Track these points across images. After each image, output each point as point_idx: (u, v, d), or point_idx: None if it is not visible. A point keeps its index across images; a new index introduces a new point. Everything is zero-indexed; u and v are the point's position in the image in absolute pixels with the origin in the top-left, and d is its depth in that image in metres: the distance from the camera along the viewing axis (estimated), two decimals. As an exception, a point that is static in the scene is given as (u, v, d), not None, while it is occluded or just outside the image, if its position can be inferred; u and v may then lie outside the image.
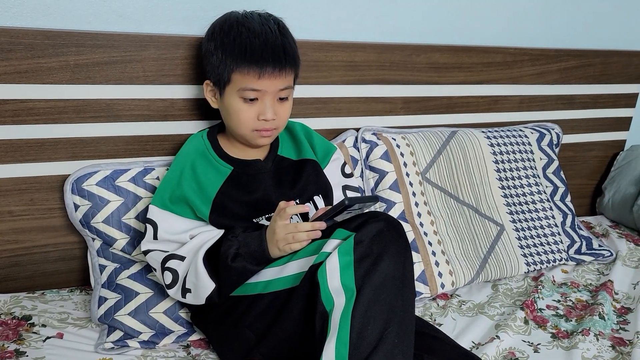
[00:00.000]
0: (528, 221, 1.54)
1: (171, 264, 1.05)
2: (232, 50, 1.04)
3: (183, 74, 1.23)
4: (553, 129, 1.71)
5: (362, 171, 1.43)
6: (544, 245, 1.53)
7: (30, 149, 1.16)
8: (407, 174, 1.42)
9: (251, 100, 1.06)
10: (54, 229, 1.23)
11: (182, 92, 1.24)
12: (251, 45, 1.03)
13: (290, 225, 0.98)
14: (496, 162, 1.55)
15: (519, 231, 1.52)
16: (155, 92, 1.22)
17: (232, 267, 1.00)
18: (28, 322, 1.12)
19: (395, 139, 1.45)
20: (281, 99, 1.08)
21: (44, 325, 1.11)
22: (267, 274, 1.02)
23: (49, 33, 1.11)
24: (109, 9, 1.19)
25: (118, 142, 1.22)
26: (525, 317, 1.28)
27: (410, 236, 1.36)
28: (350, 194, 1.25)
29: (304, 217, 1.12)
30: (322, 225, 0.98)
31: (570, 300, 1.41)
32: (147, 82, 1.21)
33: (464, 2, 1.57)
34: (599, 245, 1.67)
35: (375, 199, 0.99)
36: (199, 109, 1.27)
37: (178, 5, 1.25)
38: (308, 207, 0.99)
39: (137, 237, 1.18)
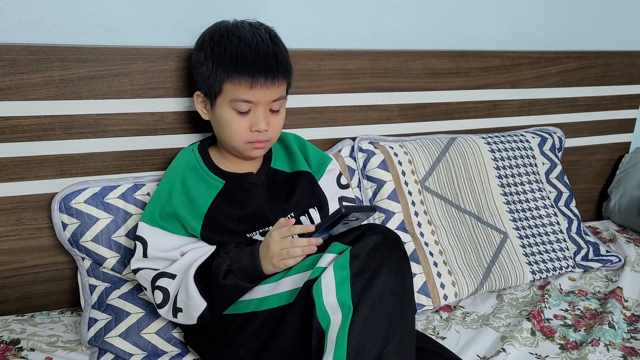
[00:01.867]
0: (532, 228, 1.50)
1: (161, 282, 1.02)
2: (222, 60, 1.01)
3: (172, 87, 1.21)
4: (555, 133, 1.67)
5: (359, 181, 1.39)
6: (549, 253, 1.49)
7: (16, 168, 1.13)
8: (406, 183, 1.38)
9: (243, 111, 1.03)
10: (42, 249, 1.19)
11: (171, 105, 1.22)
12: (242, 55, 1.00)
13: (285, 241, 0.95)
14: (497, 168, 1.51)
15: (523, 238, 1.47)
16: (144, 105, 1.19)
17: (224, 285, 0.96)
18: (16, 346, 1.08)
19: (392, 148, 1.41)
20: (274, 110, 1.05)
21: (32, 350, 1.08)
22: (261, 291, 0.99)
23: (32, 48, 1.08)
24: (94, 22, 1.16)
25: (107, 158, 1.19)
26: (532, 328, 1.24)
27: (411, 247, 1.32)
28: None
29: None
30: (319, 240, 0.95)
31: (578, 309, 1.36)
32: (135, 96, 1.18)
33: (459, 6, 1.54)
34: (607, 251, 1.63)
35: (373, 209, 0.96)
36: (190, 122, 1.24)
37: (165, 17, 1.22)
38: (312, 227, 0.96)
39: (127, 256, 1.15)
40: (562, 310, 1.35)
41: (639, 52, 1.81)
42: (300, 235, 0.98)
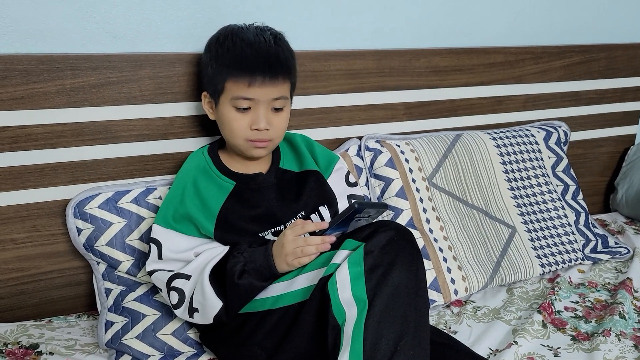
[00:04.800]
0: (540, 222, 1.51)
1: (177, 283, 1.03)
2: (224, 59, 1.04)
3: (180, 91, 1.22)
4: (560, 127, 1.68)
5: (367, 180, 1.41)
6: (558, 246, 1.50)
7: (30, 175, 1.15)
8: (414, 180, 1.39)
9: (244, 109, 1.05)
10: (58, 254, 1.21)
11: (180, 109, 1.23)
12: (243, 54, 1.03)
13: (299, 239, 0.97)
14: (504, 163, 1.52)
15: (531, 232, 1.48)
16: (153, 111, 1.21)
17: (239, 285, 0.98)
18: (35, 350, 1.10)
19: (399, 145, 1.42)
20: (276, 109, 1.07)
21: (51, 354, 1.09)
22: (276, 289, 1.00)
23: (43, 58, 1.10)
24: (102, 30, 1.18)
25: (118, 164, 1.21)
26: (543, 321, 1.25)
27: (420, 243, 1.33)
28: (356, 203, 1.23)
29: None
30: (332, 238, 0.97)
31: (588, 300, 1.37)
32: (144, 102, 1.20)
33: (461, 4, 1.55)
34: (615, 243, 1.63)
35: (385, 205, 0.98)
36: (199, 125, 1.26)
37: (172, 24, 1.24)
38: (325, 224, 0.98)
39: (141, 259, 1.16)
40: (573, 302, 1.36)
41: (642, 44, 1.82)
42: (313, 233, 1.00)
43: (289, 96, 1.09)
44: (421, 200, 1.38)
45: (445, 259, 1.34)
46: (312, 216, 1.13)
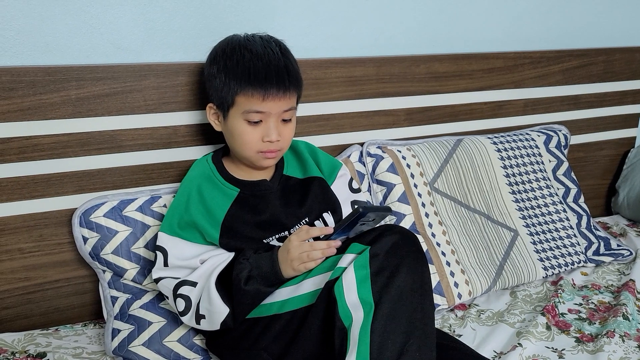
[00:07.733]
0: (542, 225, 1.52)
1: (183, 290, 1.04)
2: (235, 73, 1.04)
3: (184, 101, 1.24)
4: (560, 131, 1.69)
5: (369, 185, 1.42)
6: (560, 249, 1.50)
7: (37, 185, 1.16)
8: (415, 185, 1.40)
9: (255, 122, 1.05)
10: (64, 263, 1.22)
11: (184, 118, 1.25)
12: (254, 68, 1.03)
13: (305, 245, 0.98)
14: (505, 167, 1.53)
15: (533, 235, 1.49)
16: (157, 120, 1.22)
17: (246, 291, 0.99)
18: (43, 359, 1.11)
19: (400, 151, 1.44)
20: (285, 120, 1.08)
21: (59, 362, 1.10)
22: (283, 294, 1.01)
23: (49, 69, 1.12)
24: (106, 41, 1.20)
25: (123, 173, 1.22)
26: (547, 323, 1.25)
27: (423, 247, 1.33)
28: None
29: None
30: (337, 243, 0.98)
31: (592, 302, 1.38)
32: (148, 111, 1.21)
33: (459, 10, 1.57)
34: (618, 245, 1.64)
35: (388, 209, 0.99)
36: (203, 134, 1.27)
37: (175, 34, 1.26)
38: (330, 229, 0.99)
39: (147, 267, 1.17)
40: (576, 304, 1.37)
41: (639, 48, 1.83)
42: (318, 239, 1.01)
43: (296, 106, 1.11)
44: (423, 205, 1.40)
45: (448, 263, 1.35)
46: (316, 222, 1.14)
